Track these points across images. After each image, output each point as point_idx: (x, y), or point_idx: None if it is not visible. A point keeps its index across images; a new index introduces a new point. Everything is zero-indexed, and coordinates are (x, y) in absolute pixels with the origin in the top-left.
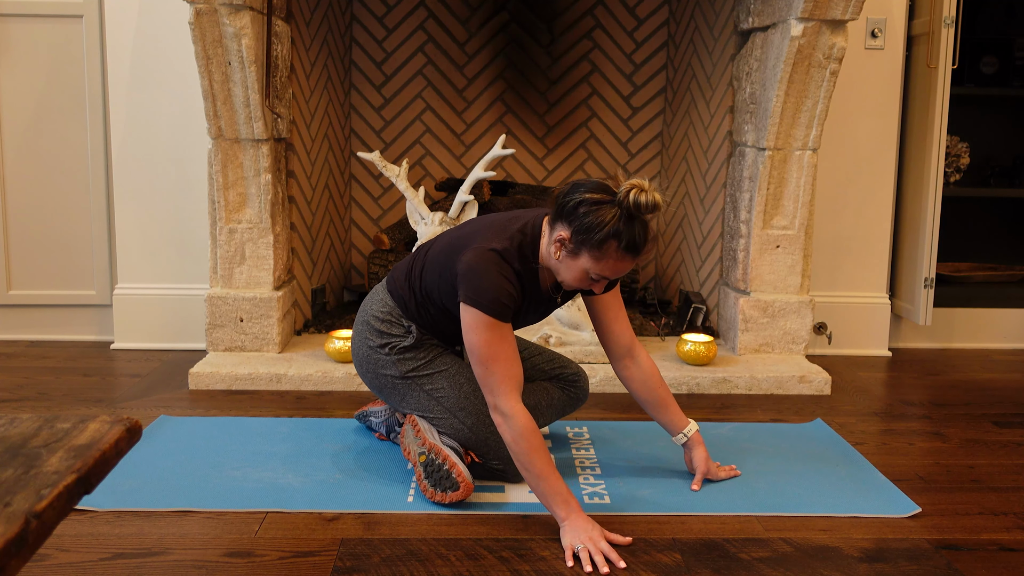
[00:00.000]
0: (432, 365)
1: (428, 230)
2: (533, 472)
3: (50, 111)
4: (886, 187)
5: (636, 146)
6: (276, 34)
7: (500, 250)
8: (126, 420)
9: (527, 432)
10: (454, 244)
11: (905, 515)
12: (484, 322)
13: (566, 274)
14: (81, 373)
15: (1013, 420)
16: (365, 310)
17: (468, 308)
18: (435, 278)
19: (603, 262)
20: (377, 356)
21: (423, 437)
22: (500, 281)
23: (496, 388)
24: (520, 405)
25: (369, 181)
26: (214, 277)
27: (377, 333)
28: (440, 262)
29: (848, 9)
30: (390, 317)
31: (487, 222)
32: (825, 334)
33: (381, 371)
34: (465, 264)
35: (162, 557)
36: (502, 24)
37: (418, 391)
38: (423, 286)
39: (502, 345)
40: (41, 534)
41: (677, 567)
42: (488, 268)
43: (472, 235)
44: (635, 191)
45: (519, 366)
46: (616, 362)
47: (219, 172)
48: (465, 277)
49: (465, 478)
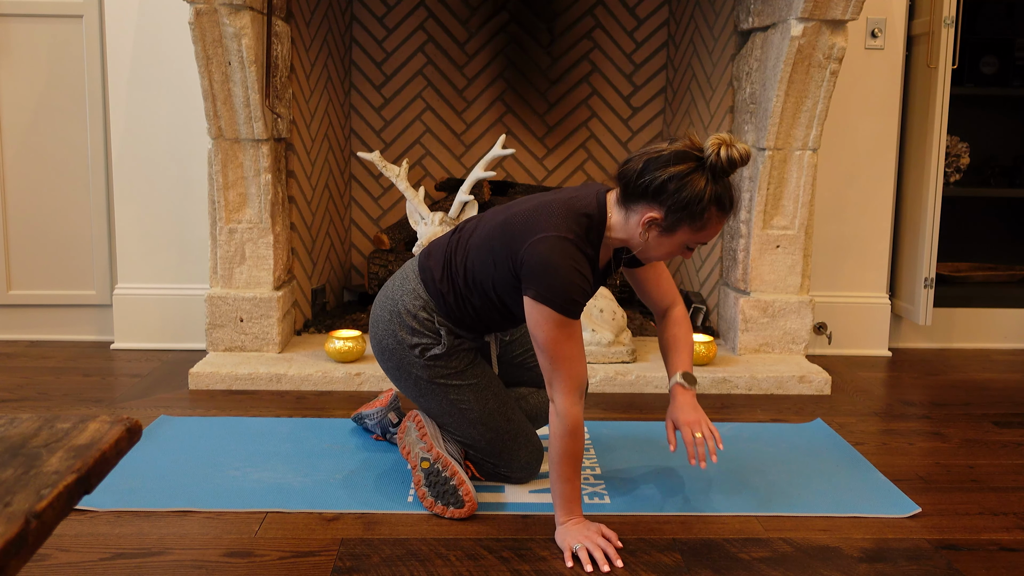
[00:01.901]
0: (462, 376)
1: (428, 230)
2: (560, 472)
3: (50, 111)
4: (886, 187)
5: (636, 146)
6: (276, 34)
7: (573, 238)
8: (126, 420)
9: (573, 435)
10: (512, 229)
11: (905, 515)
12: (554, 320)
13: (657, 251)
14: (81, 373)
15: (1013, 420)
16: (395, 300)
17: (538, 305)
18: (487, 268)
19: (704, 231)
20: (406, 353)
21: (428, 443)
22: (575, 277)
23: (558, 384)
24: (577, 407)
25: (369, 181)
26: (214, 277)
27: (410, 331)
28: (494, 249)
29: (848, 9)
30: (423, 314)
31: (546, 204)
32: (825, 334)
33: (408, 368)
34: (537, 256)
35: (162, 557)
36: (502, 24)
37: (442, 397)
38: (469, 277)
39: (570, 343)
40: (41, 534)
41: (677, 567)
42: (564, 263)
43: (534, 219)
44: (724, 148)
45: (584, 365)
46: (658, 317)
47: (219, 172)
48: (537, 272)
49: (471, 497)
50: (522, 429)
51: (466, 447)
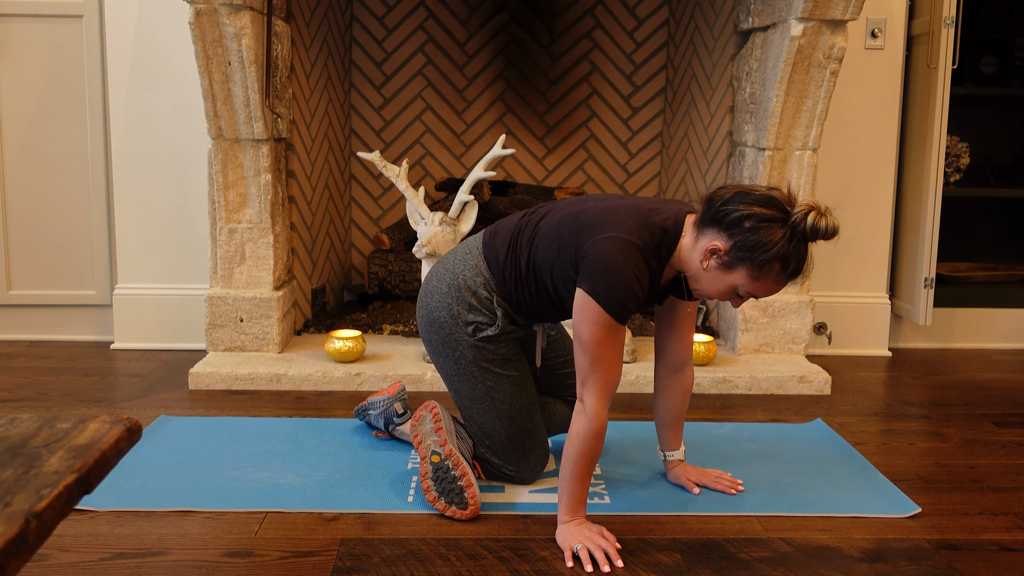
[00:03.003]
0: (506, 366)
1: (428, 230)
2: (574, 471)
3: (50, 111)
4: (886, 187)
5: (636, 146)
6: (276, 34)
7: (642, 246)
8: (126, 420)
9: (595, 435)
10: (584, 221)
11: (905, 515)
12: (603, 321)
13: (709, 285)
14: (81, 373)
15: (1013, 420)
16: (455, 273)
17: (590, 301)
18: (551, 254)
19: (759, 283)
20: (459, 331)
21: (443, 437)
22: (633, 283)
23: (591, 386)
24: (605, 410)
25: (369, 181)
26: (214, 277)
27: (467, 307)
28: (563, 236)
29: (848, 9)
30: (483, 292)
31: (625, 206)
32: (825, 334)
33: (456, 345)
34: (602, 253)
35: (162, 557)
36: (502, 24)
37: (479, 382)
38: (532, 259)
39: (612, 347)
40: (41, 534)
41: (677, 567)
42: (626, 266)
43: (609, 217)
44: (814, 214)
45: (619, 371)
46: (664, 369)
47: (219, 172)
48: (597, 268)
49: (476, 501)
50: (540, 432)
51: (482, 439)
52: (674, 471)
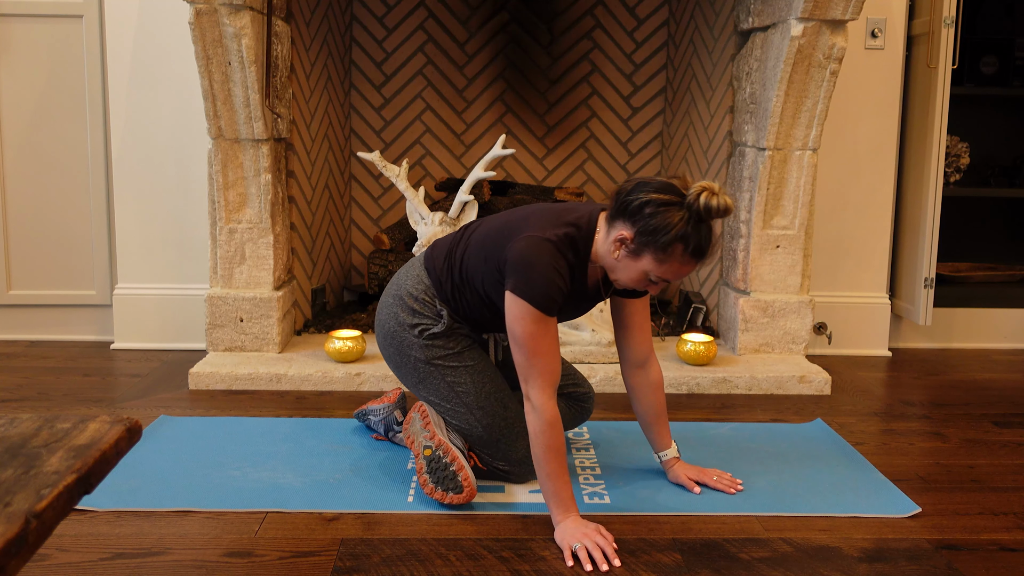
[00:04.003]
0: (459, 358)
1: (428, 230)
2: (545, 469)
3: (50, 111)
4: (886, 187)
5: (636, 146)
6: (276, 34)
7: (554, 241)
8: (126, 420)
9: (551, 429)
10: (503, 230)
11: (905, 515)
12: (531, 315)
13: (623, 274)
14: (81, 373)
15: (1013, 420)
16: (399, 284)
17: (516, 299)
18: (479, 263)
19: (666, 265)
20: (405, 335)
21: (432, 430)
22: (551, 274)
23: (533, 380)
24: (552, 402)
25: (369, 181)
26: (214, 277)
27: (410, 311)
28: (487, 247)
29: (848, 9)
30: (425, 296)
31: (540, 210)
32: (825, 334)
33: (407, 350)
34: (517, 253)
35: (162, 557)
36: (502, 24)
37: (439, 381)
38: (464, 269)
39: (545, 339)
40: (41, 534)
41: (677, 567)
42: (541, 259)
43: (524, 222)
44: (706, 194)
45: (558, 361)
46: (628, 369)
47: (219, 172)
48: (516, 266)
49: (470, 483)
50: (519, 419)
51: (466, 437)
52: (673, 470)
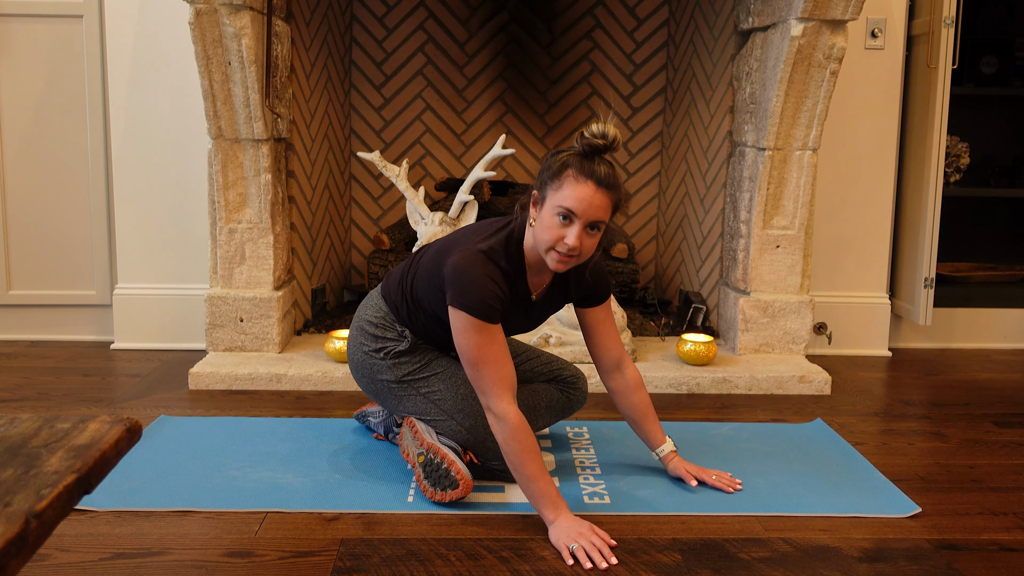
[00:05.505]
0: (428, 368)
1: (428, 230)
2: (524, 473)
3: (50, 111)
4: (886, 187)
5: (636, 146)
6: (276, 34)
7: (486, 249)
8: (126, 420)
9: (519, 433)
10: (441, 250)
11: (905, 515)
12: (472, 324)
13: (543, 234)
14: (81, 373)
15: (1013, 420)
16: (359, 315)
17: (456, 311)
18: (424, 285)
19: (563, 191)
20: (372, 361)
21: (421, 438)
22: (486, 282)
23: (488, 390)
24: (513, 406)
25: (369, 181)
26: (214, 277)
27: (372, 338)
28: (428, 268)
29: (848, 9)
30: (384, 322)
31: (475, 226)
32: (825, 334)
33: (377, 376)
34: (451, 267)
35: (162, 557)
36: (502, 24)
37: (415, 395)
38: (414, 293)
39: (491, 347)
40: (41, 534)
41: (677, 567)
42: (474, 269)
43: (459, 239)
44: (584, 131)
45: (510, 367)
46: (604, 375)
47: (219, 172)
48: (451, 280)
49: (464, 476)
50: None
51: (456, 442)
52: (672, 464)
